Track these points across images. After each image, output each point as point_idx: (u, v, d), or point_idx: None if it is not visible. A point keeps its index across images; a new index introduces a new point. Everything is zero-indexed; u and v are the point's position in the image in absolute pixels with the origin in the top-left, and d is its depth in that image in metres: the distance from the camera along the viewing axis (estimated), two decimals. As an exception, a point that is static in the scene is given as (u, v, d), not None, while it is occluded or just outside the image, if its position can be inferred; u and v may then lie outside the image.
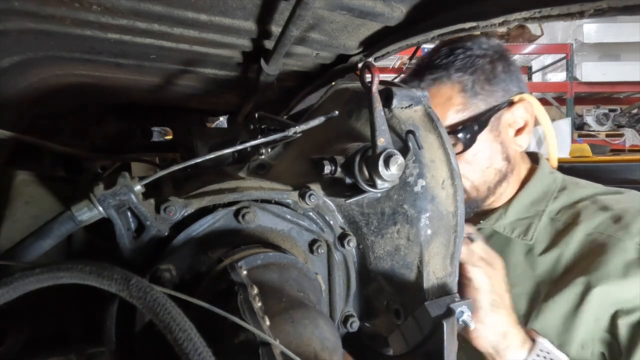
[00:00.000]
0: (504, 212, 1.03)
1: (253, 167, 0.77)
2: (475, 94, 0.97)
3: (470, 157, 0.98)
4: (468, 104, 0.97)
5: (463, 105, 0.97)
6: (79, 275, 0.35)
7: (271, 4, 0.64)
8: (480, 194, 1.02)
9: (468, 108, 0.97)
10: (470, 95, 0.97)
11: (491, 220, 1.05)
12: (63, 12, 0.60)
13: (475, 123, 0.95)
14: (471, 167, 0.99)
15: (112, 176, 0.47)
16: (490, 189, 1.02)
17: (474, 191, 1.02)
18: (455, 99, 0.97)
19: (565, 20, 0.50)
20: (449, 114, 0.97)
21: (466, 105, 0.97)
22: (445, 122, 0.95)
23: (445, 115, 0.97)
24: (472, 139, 0.95)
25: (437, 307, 0.58)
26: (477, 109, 0.97)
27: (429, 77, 0.99)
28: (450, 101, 0.97)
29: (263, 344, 0.37)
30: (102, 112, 1.29)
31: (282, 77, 0.93)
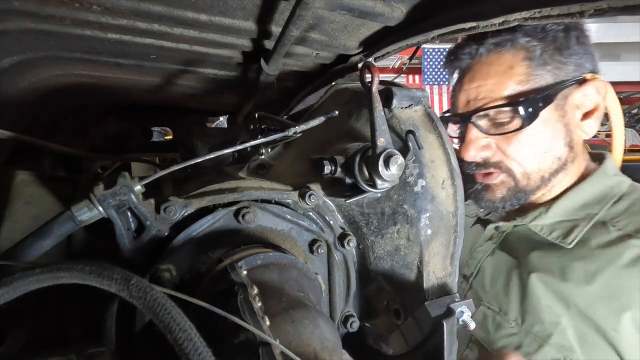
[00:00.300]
0: (544, 210, 0.92)
1: (253, 167, 0.77)
2: (542, 64, 0.85)
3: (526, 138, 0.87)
4: (533, 74, 0.85)
5: (527, 76, 0.85)
6: (79, 275, 0.35)
7: (271, 4, 0.64)
8: (531, 184, 0.91)
9: (532, 79, 0.85)
10: (536, 65, 0.85)
11: (528, 217, 0.93)
12: (63, 12, 0.60)
13: (539, 97, 0.83)
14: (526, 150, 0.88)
15: (112, 176, 0.47)
16: (544, 179, 0.90)
17: (524, 179, 0.90)
18: (519, 67, 0.86)
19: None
20: (508, 84, 0.86)
21: (530, 75, 0.85)
22: (503, 93, 0.86)
23: (504, 86, 0.86)
24: (533, 114, 0.83)
25: (437, 307, 0.58)
26: (543, 81, 0.85)
27: (490, 41, 0.88)
28: (512, 70, 0.86)
29: (263, 344, 0.37)
30: (102, 112, 1.29)
31: (282, 77, 0.93)
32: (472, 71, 0.92)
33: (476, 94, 0.90)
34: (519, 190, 0.92)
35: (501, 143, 0.89)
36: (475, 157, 0.92)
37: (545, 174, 0.90)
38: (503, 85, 0.86)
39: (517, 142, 0.87)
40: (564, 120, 0.87)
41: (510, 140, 0.88)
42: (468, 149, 0.92)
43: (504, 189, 0.93)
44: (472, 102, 0.91)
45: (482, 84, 0.89)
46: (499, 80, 0.87)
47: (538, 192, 0.93)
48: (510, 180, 0.92)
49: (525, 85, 0.85)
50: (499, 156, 0.91)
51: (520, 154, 0.88)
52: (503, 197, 0.94)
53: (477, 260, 1.02)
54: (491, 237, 1.03)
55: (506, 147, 0.89)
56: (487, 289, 0.96)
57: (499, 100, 0.86)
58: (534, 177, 0.90)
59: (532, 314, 0.85)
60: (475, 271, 1.01)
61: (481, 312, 0.95)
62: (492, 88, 0.87)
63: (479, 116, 0.89)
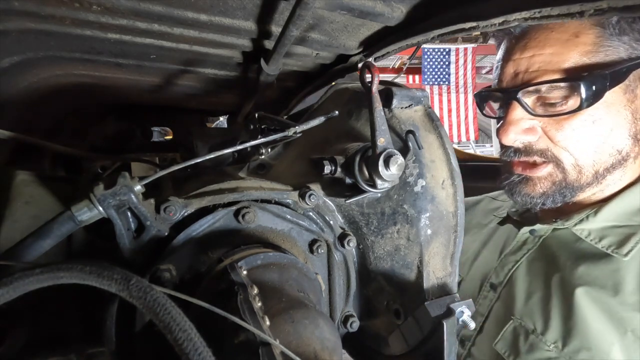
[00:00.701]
0: (593, 212, 0.78)
1: (253, 167, 0.77)
2: (618, 34, 0.70)
3: (582, 123, 0.73)
4: (603, 45, 0.70)
5: (595, 46, 0.70)
6: (79, 275, 0.35)
7: (271, 4, 0.64)
8: (581, 179, 0.76)
9: (602, 51, 0.70)
10: (610, 34, 0.70)
11: (572, 220, 0.80)
12: (63, 12, 0.60)
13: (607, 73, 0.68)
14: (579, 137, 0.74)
15: (112, 176, 0.47)
16: (598, 175, 0.76)
17: (574, 172, 0.76)
18: (586, 36, 0.71)
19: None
20: (570, 56, 0.71)
21: (600, 46, 0.70)
22: (562, 65, 0.72)
23: (565, 57, 0.72)
24: (596, 95, 0.69)
25: (437, 307, 0.58)
26: (615, 54, 0.70)
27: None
28: (578, 38, 0.71)
29: (263, 344, 0.37)
30: (102, 112, 1.29)
31: (282, 77, 0.93)
32: (526, 38, 0.77)
33: (528, 65, 0.76)
34: (567, 186, 0.78)
35: (550, 127, 0.76)
36: (515, 141, 0.79)
37: (600, 168, 0.75)
38: (564, 55, 0.71)
39: (570, 127, 0.73)
40: (632, 106, 0.72)
41: (561, 124, 0.74)
42: (507, 130, 0.78)
43: (548, 183, 0.79)
44: (521, 75, 0.77)
45: (538, 52, 0.74)
46: (559, 50, 0.72)
47: (588, 190, 0.79)
48: (558, 172, 0.78)
49: (592, 57, 0.70)
50: (545, 142, 0.77)
51: (572, 142, 0.74)
52: (545, 192, 0.80)
53: (508, 269, 0.89)
54: (525, 242, 0.90)
55: (555, 133, 0.75)
56: (520, 303, 0.84)
57: (555, 74, 0.72)
58: (586, 171, 0.76)
59: (578, 338, 0.72)
60: (506, 280, 0.89)
61: (511, 328, 0.83)
62: (550, 59, 0.73)
63: (527, 92, 0.75)
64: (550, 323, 0.77)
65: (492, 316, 0.90)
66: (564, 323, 0.75)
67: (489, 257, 0.98)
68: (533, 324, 0.79)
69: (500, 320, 0.87)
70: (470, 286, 0.98)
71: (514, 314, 0.83)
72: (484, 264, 0.98)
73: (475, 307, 0.91)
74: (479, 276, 0.97)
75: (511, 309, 0.85)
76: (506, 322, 0.84)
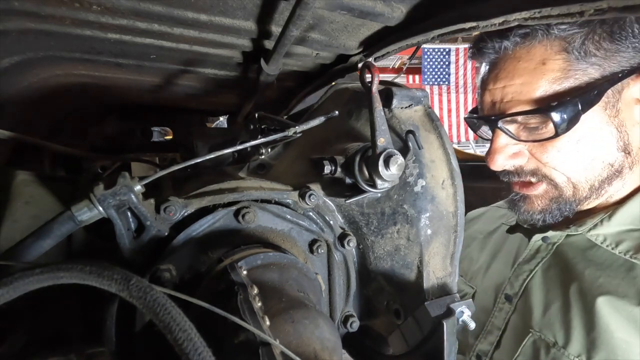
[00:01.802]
0: (607, 217, 0.77)
1: (253, 167, 0.77)
2: (584, 56, 0.69)
3: (565, 144, 0.73)
4: (572, 69, 0.70)
5: (563, 72, 0.70)
6: (79, 275, 0.35)
7: (271, 4, 0.64)
8: (578, 194, 0.77)
9: (571, 76, 0.70)
10: (576, 58, 0.69)
11: (585, 225, 0.79)
12: (63, 12, 0.60)
13: (579, 98, 0.67)
14: (566, 157, 0.74)
15: (112, 176, 0.47)
16: (594, 189, 0.76)
17: (568, 189, 0.77)
18: (553, 62, 0.70)
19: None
20: (539, 84, 0.71)
21: (568, 71, 0.70)
22: (533, 94, 0.72)
23: (534, 86, 0.71)
24: (571, 121, 0.68)
25: (437, 307, 0.58)
26: (586, 77, 0.69)
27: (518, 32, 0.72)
28: (545, 66, 0.71)
29: (263, 344, 0.37)
30: (102, 112, 1.29)
31: (282, 77, 0.93)
32: (497, 68, 0.78)
33: (502, 95, 0.77)
34: (564, 202, 0.78)
35: (535, 150, 0.77)
36: (504, 165, 0.80)
37: (594, 182, 0.75)
38: (533, 85, 0.71)
39: (555, 149, 0.73)
40: (616, 121, 0.72)
41: (546, 147, 0.75)
42: (494, 158, 0.79)
43: (545, 200, 0.81)
44: (497, 105, 0.78)
45: (509, 83, 0.75)
46: (528, 80, 0.72)
47: (588, 202, 0.78)
48: (553, 189, 0.79)
49: (561, 83, 0.70)
50: (535, 163, 0.78)
51: (560, 162, 0.74)
52: (544, 209, 0.81)
53: (522, 279, 0.87)
54: (538, 250, 0.87)
55: (542, 155, 0.76)
56: (538, 314, 0.82)
57: (528, 104, 0.73)
58: (581, 186, 0.76)
59: (603, 349, 0.70)
60: (521, 291, 0.87)
61: (530, 341, 0.80)
62: (520, 89, 0.74)
63: (506, 121, 0.76)
64: (571, 335, 0.74)
65: (510, 329, 0.87)
66: (587, 335, 0.73)
67: (501, 267, 0.95)
68: (553, 337, 0.77)
69: (519, 333, 0.84)
70: (485, 298, 0.95)
71: (533, 327, 0.81)
72: (497, 274, 0.95)
73: (491, 320, 0.91)
74: (492, 287, 0.94)
75: (529, 320, 0.82)
76: (525, 336, 0.82)
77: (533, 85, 0.72)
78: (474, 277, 1.02)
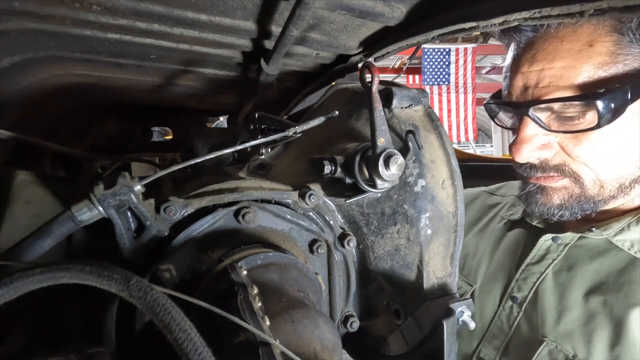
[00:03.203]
0: (634, 221, 0.72)
1: (253, 167, 0.77)
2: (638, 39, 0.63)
3: (603, 138, 0.67)
4: (621, 53, 0.63)
5: (612, 56, 0.63)
6: (79, 275, 0.35)
7: (271, 4, 0.64)
8: (604, 193, 0.71)
9: (621, 61, 0.63)
10: (630, 40, 0.63)
11: (611, 229, 0.73)
12: (63, 12, 0.60)
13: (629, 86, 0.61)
14: (600, 152, 0.68)
15: (112, 176, 0.47)
16: (623, 188, 0.70)
17: (594, 187, 0.71)
18: (601, 44, 0.64)
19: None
20: (584, 69, 0.64)
21: (618, 55, 0.63)
22: (575, 80, 0.65)
23: (577, 70, 0.65)
24: (617, 110, 0.62)
25: (437, 307, 0.58)
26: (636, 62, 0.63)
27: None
28: (592, 48, 0.64)
29: (263, 344, 0.37)
30: (102, 112, 1.29)
31: (282, 77, 0.93)
32: (534, 48, 0.70)
33: (537, 79, 0.69)
34: (586, 200, 0.72)
35: (567, 142, 0.70)
36: (530, 158, 0.74)
37: (625, 181, 0.70)
38: (577, 69, 0.64)
39: (590, 142, 0.67)
40: None
41: (580, 139, 0.69)
42: (520, 149, 0.72)
43: (564, 195, 0.75)
44: (531, 90, 0.71)
45: (548, 66, 0.68)
46: (571, 62, 0.65)
47: (613, 202, 0.73)
48: (576, 187, 0.73)
49: (609, 69, 0.63)
50: (562, 157, 0.72)
51: (593, 157, 0.68)
52: (562, 204, 0.75)
53: (532, 281, 0.82)
54: (548, 250, 0.82)
55: (574, 148, 0.70)
56: (551, 322, 0.76)
57: (568, 90, 0.66)
58: (609, 185, 0.70)
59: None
60: (530, 295, 0.82)
61: (545, 352, 0.75)
62: (561, 73, 0.66)
63: (539, 108, 0.70)
64: (593, 349, 0.69)
65: (517, 335, 0.83)
66: (611, 349, 0.67)
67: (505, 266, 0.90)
68: (572, 349, 0.71)
69: (530, 341, 0.79)
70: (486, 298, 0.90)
71: (547, 335, 0.76)
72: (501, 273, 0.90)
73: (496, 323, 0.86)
74: (495, 287, 0.89)
75: (541, 328, 0.77)
76: (538, 345, 0.76)
77: (577, 69, 0.64)
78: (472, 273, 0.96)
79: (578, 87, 0.65)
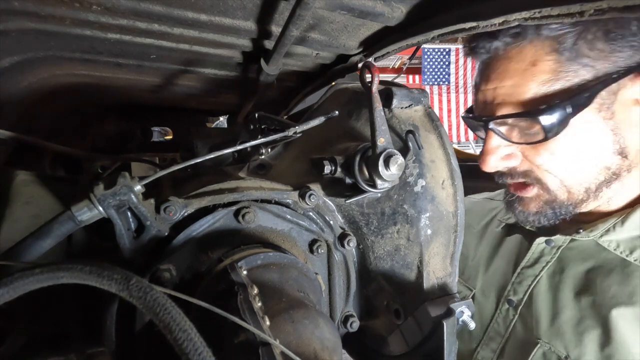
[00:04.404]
0: (619, 221, 0.74)
1: (253, 167, 0.77)
2: (576, 57, 0.67)
3: (558, 147, 0.71)
4: (562, 70, 0.67)
5: (554, 73, 0.68)
6: (79, 275, 0.35)
7: (271, 4, 0.64)
8: (573, 197, 0.75)
9: (562, 77, 0.68)
10: (567, 59, 0.67)
11: (597, 230, 0.75)
12: (63, 12, 0.60)
13: (569, 101, 0.66)
14: (559, 160, 0.72)
15: (112, 176, 0.47)
16: (590, 191, 0.74)
17: (562, 192, 0.75)
18: (544, 63, 0.68)
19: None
20: (529, 86, 0.69)
21: (559, 72, 0.68)
22: (523, 96, 0.71)
23: (524, 88, 0.70)
24: (560, 125, 0.67)
25: (437, 307, 0.58)
26: (577, 78, 0.67)
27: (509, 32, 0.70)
28: (535, 67, 0.69)
29: (263, 344, 0.37)
30: (102, 112, 1.29)
31: (282, 77, 0.93)
32: (489, 68, 0.77)
33: (493, 96, 0.76)
34: (559, 205, 0.76)
35: (528, 152, 0.75)
36: (497, 167, 0.79)
37: (590, 185, 0.73)
38: (523, 87, 0.70)
39: (548, 152, 0.71)
40: (612, 123, 0.69)
41: (538, 150, 0.73)
42: (485, 159, 0.77)
43: (539, 202, 0.79)
44: (488, 106, 0.77)
45: (499, 85, 0.74)
46: (518, 81, 0.71)
47: (586, 205, 0.76)
48: (545, 194, 0.77)
49: (551, 86, 0.68)
50: (528, 165, 0.77)
51: (553, 165, 0.72)
52: (538, 211, 0.80)
53: (527, 284, 0.85)
54: (542, 253, 0.85)
55: (535, 157, 0.74)
56: (545, 324, 0.79)
57: (518, 106, 0.72)
58: (576, 190, 0.74)
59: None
60: (526, 298, 0.84)
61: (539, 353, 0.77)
62: (511, 91, 0.72)
63: (497, 122, 0.75)
64: (585, 349, 0.71)
65: (513, 337, 0.85)
66: (601, 349, 0.69)
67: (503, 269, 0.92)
68: (565, 350, 0.74)
69: (525, 343, 0.81)
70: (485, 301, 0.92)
71: (540, 337, 0.78)
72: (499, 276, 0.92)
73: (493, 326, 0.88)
74: (493, 290, 0.92)
75: (535, 330, 0.80)
76: (532, 346, 0.79)
77: (523, 87, 0.70)
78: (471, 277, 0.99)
79: (525, 104, 0.71)
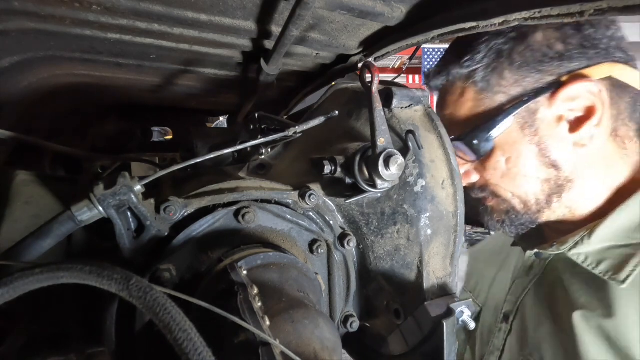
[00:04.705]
0: (587, 234, 0.73)
1: (253, 167, 0.77)
2: (489, 86, 0.76)
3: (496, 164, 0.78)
4: (482, 98, 0.76)
5: (475, 102, 0.77)
6: (79, 275, 0.35)
7: (271, 4, 0.64)
8: (529, 209, 0.79)
9: (482, 105, 0.76)
10: (482, 89, 0.76)
11: (567, 244, 0.76)
12: (63, 12, 0.60)
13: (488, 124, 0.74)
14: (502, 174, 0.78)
15: (112, 176, 0.47)
16: (541, 202, 0.78)
17: (517, 202, 0.80)
18: (468, 93, 0.78)
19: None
20: (460, 115, 0.80)
21: (480, 100, 0.77)
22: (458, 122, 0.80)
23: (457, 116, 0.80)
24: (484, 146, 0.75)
25: (437, 307, 0.58)
26: (494, 104, 0.76)
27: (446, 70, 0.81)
28: (463, 97, 0.79)
29: (263, 344, 0.37)
30: (102, 112, 1.29)
31: (282, 77, 0.92)
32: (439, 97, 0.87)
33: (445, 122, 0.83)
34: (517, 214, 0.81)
35: (479, 169, 0.82)
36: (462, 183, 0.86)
37: (538, 197, 0.77)
38: (456, 115, 0.80)
39: (492, 168, 0.78)
40: (536, 139, 0.74)
41: (484, 166, 0.80)
42: None
43: (500, 212, 0.84)
44: None
45: (443, 113, 0.84)
46: (452, 110, 0.81)
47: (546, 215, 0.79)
48: (503, 205, 0.82)
49: (475, 112, 0.77)
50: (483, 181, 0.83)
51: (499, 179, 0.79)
52: (502, 220, 0.84)
53: (516, 296, 0.87)
54: (532, 266, 0.87)
55: (483, 174, 0.82)
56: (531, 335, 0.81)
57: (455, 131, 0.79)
58: (528, 201, 0.78)
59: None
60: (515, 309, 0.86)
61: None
62: (450, 118, 0.82)
63: None
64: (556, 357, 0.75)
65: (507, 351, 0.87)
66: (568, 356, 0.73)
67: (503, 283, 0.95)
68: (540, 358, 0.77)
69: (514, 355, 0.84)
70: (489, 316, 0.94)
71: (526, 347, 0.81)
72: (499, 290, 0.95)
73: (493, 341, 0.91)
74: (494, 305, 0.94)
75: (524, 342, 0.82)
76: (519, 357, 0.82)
77: (455, 115, 0.80)
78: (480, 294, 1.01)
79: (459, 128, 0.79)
